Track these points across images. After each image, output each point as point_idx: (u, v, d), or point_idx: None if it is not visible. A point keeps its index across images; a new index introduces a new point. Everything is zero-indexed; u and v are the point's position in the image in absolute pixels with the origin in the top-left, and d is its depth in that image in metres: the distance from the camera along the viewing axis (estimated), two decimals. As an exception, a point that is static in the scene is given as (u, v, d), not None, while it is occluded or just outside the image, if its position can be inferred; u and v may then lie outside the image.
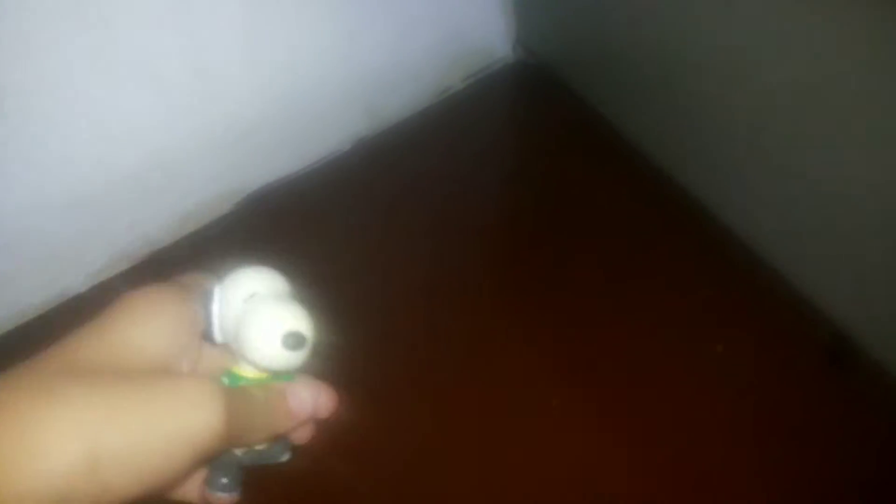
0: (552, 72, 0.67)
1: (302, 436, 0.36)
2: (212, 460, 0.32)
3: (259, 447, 0.34)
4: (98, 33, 0.49)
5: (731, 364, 0.50)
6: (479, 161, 0.64)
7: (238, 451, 0.34)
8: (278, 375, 0.34)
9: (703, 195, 0.57)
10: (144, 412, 0.28)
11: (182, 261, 0.59)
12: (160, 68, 0.53)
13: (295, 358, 0.33)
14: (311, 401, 0.34)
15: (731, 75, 0.50)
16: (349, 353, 0.38)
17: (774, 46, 0.45)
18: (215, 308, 0.33)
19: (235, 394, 0.31)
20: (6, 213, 0.52)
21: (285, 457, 0.36)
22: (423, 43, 0.65)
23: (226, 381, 0.33)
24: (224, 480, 0.34)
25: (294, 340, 0.32)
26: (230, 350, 0.33)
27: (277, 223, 0.60)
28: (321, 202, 0.61)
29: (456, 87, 0.68)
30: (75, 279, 0.57)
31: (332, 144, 0.64)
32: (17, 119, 0.49)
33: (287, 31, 0.57)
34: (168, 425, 0.28)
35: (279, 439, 0.35)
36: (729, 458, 0.47)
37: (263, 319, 0.32)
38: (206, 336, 0.33)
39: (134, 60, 0.51)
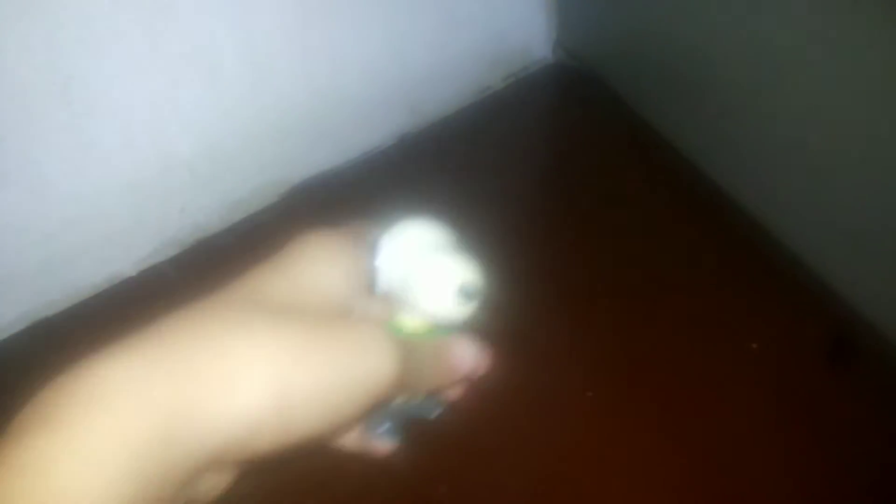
0: (591, 73, 0.68)
1: (454, 393, 0.36)
2: (374, 408, 0.33)
3: (414, 401, 0.35)
4: (158, 24, 0.51)
5: (766, 361, 0.51)
6: (518, 159, 0.65)
7: (395, 402, 0.34)
8: (440, 329, 0.34)
9: (742, 197, 0.58)
10: (328, 354, 0.28)
11: (229, 247, 0.60)
12: (215, 60, 0.55)
13: (467, 309, 0.33)
14: (473, 358, 0.34)
15: (772, 77, 0.51)
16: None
17: (818, 47, 0.46)
18: (382, 258, 0.34)
19: (404, 343, 0.31)
20: (65, 197, 0.54)
21: (436, 413, 0.37)
22: (465, 43, 0.67)
23: (395, 327, 0.34)
24: (386, 426, 0.35)
25: (469, 291, 0.33)
26: (391, 301, 0.34)
27: (321, 214, 0.62)
28: (364, 195, 0.63)
29: (496, 86, 0.69)
30: (126, 263, 0.59)
31: (375, 139, 0.65)
32: (80, 106, 0.51)
33: (336, 28, 0.59)
34: (349, 368, 0.28)
35: (433, 395, 0.35)
36: (759, 453, 0.47)
37: (440, 270, 0.33)
38: (369, 285, 0.34)
39: (191, 51, 0.53)
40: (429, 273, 0.33)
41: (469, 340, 0.34)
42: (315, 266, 0.31)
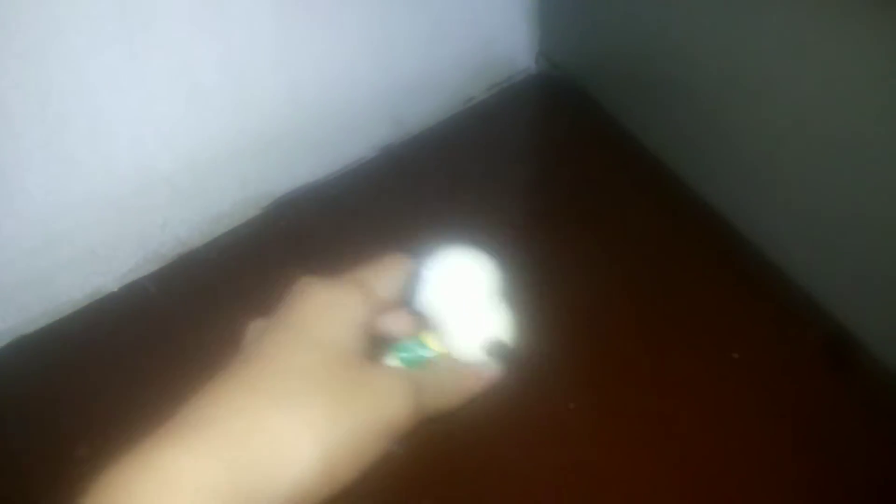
0: (575, 83, 0.68)
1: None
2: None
3: None
4: (137, 39, 0.51)
5: (747, 370, 0.51)
6: (502, 170, 0.65)
7: None
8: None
9: (722, 205, 0.58)
10: (356, 408, 0.30)
11: (211, 262, 0.60)
12: (195, 73, 0.55)
13: (491, 361, 0.35)
14: (487, 379, 0.36)
15: (754, 89, 0.51)
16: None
17: (801, 60, 0.46)
18: (423, 286, 0.35)
19: (425, 377, 0.33)
20: (46, 212, 0.54)
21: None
22: (448, 53, 0.67)
23: (412, 346, 0.35)
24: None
25: (497, 349, 0.34)
26: (425, 319, 0.35)
27: (304, 227, 0.62)
28: (347, 208, 0.63)
29: (480, 96, 0.70)
30: (108, 278, 0.59)
31: (358, 151, 0.65)
32: (58, 121, 0.51)
33: (316, 39, 0.59)
34: (373, 419, 0.30)
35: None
36: (746, 462, 0.47)
37: (473, 320, 0.34)
38: (408, 301, 0.35)
39: (170, 65, 0.53)
40: (467, 318, 0.35)
41: (484, 363, 0.36)
42: (322, 318, 0.32)
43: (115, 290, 0.59)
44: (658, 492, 0.47)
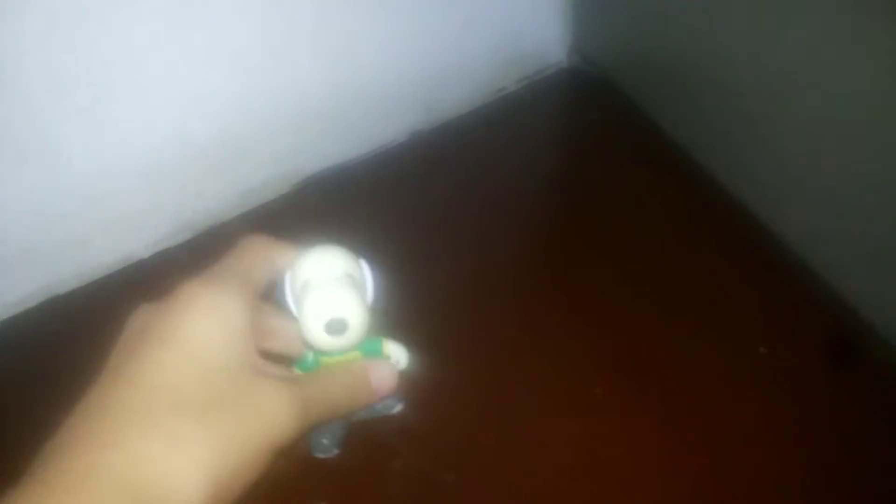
0: (606, 78, 0.69)
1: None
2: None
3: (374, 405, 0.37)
4: (180, 11, 0.52)
5: (775, 365, 0.51)
6: (530, 162, 0.66)
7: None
8: (362, 350, 0.36)
9: (753, 204, 0.58)
10: (238, 430, 0.29)
11: (240, 235, 0.61)
12: (236, 49, 0.56)
13: (341, 342, 0.35)
14: (392, 377, 0.35)
15: (788, 88, 0.51)
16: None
17: (834, 59, 0.47)
18: (287, 292, 0.36)
19: (312, 384, 0.32)
20: (84, 177, 0.55)
21: (398, 408, 0.38)
22: (480, 43, 0.67)
23: (311, 355, 0.36)
24: (324, 441, 0.36)
25: (336, 327, 0.34)
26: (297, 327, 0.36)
27: (332, 207, 0.63)
28: (376, 190, 0.64)
29: (511, 87, 0.70)
30: (139, 245, 0.60)
31: (389, 135, 0.66)
32: (102, 89, 0.52)
33: (354, 22, 0.60)
34: (259, 437, 0.29)
35: (388, 395, 0.37)
36: (770, 458, 0.48)
37: (307, 307, 0.35)
38: (277, 291, 0.36)
39: (212, 40, 0.54)
40: (302, 311, 0.34)
41: (385, 362, 0.35)
42: (199, 327, 0.30)
43: (146, 256, 0.61)
44: (680, 480, 0.47)
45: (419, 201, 0.63)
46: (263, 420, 0.29)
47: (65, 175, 0.55)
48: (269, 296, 0.37)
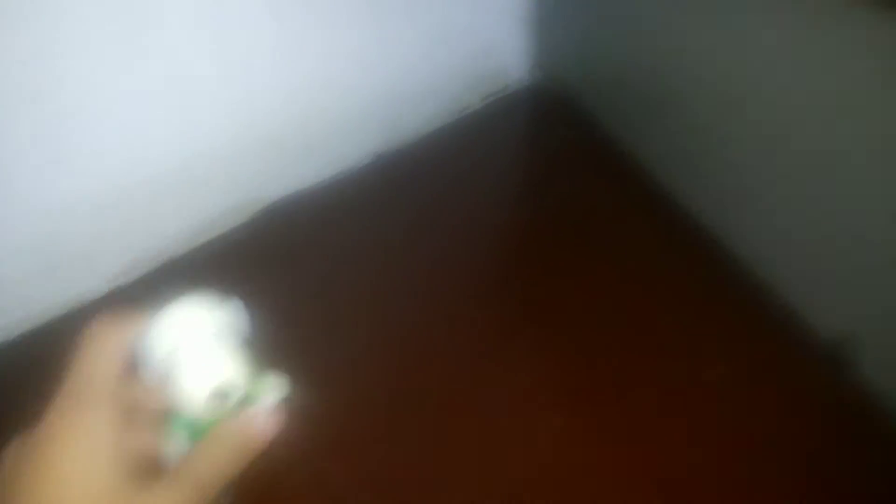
0: (568, 95, 0.68)
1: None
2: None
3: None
4: (130, 40, 0.50)
5: (730, 385, 0.51)
6: (494, 180, 0.65)
7: None
8: (233, 406, 0.33)
9: (711, 220, 0.58)
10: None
11: (196, 268, 0.59)
12: (190, 78, 0.54)
13: (226, 405, 0.33)
14: (270, 424, 0.33)
15: (747, 106, 0.51)
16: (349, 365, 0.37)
17: (790, 75, 0.46)
18: (152, 361, 0.33)
19: (198, 461, 0.32)
20: (34, 215, 0.53)
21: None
22: (444, 62, 0.66)
23: (183, 425, 0.33)
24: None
25: (221, 394, 0.32)
26: (165, 388, 0.33)
27: (293, 235, 0.61)
28: (338, 216, 0.62)
29: (475, 106, 0.69)
30: (92, 283, 0.58)
31: (351, 159, 0.65)
32: (51, 124, 0.50)
33: (312, 46, 0.58)
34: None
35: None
36: (717, 482, 0.47)
37: (187, 378, 0.32)
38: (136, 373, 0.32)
39: (163, 68, 0.52)
40: (188, 369, 0.32)
41: (259, 412, 0.33)
42: (73, 449, 0.30)
43: (99, 295, 0.58)
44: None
45: (382, 225, 0.62)
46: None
47: (14, 211, 0.52)
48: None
